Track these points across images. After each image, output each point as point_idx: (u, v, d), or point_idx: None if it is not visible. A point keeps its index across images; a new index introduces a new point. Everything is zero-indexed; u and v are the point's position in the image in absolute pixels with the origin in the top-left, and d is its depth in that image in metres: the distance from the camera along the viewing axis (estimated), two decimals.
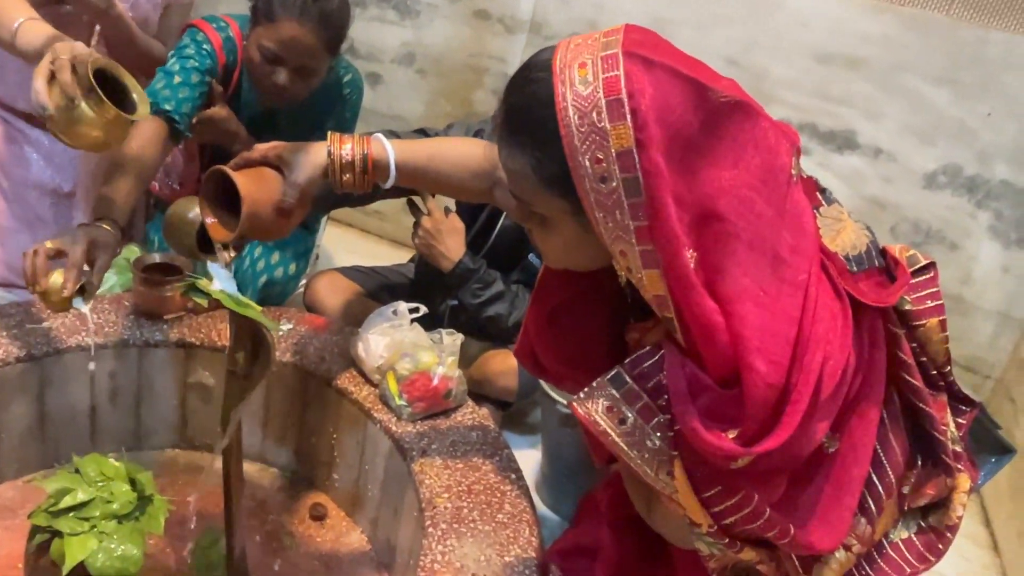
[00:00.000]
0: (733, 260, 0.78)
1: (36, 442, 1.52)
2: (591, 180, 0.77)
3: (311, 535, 1.53)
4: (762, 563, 0.88)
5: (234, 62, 1.75)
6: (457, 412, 1.53)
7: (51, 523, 1.07)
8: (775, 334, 0.78)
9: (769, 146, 0.79)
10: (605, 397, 0.83)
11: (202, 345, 1.58)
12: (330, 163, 1.11)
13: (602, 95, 0.75)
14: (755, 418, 0.78)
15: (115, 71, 1.19)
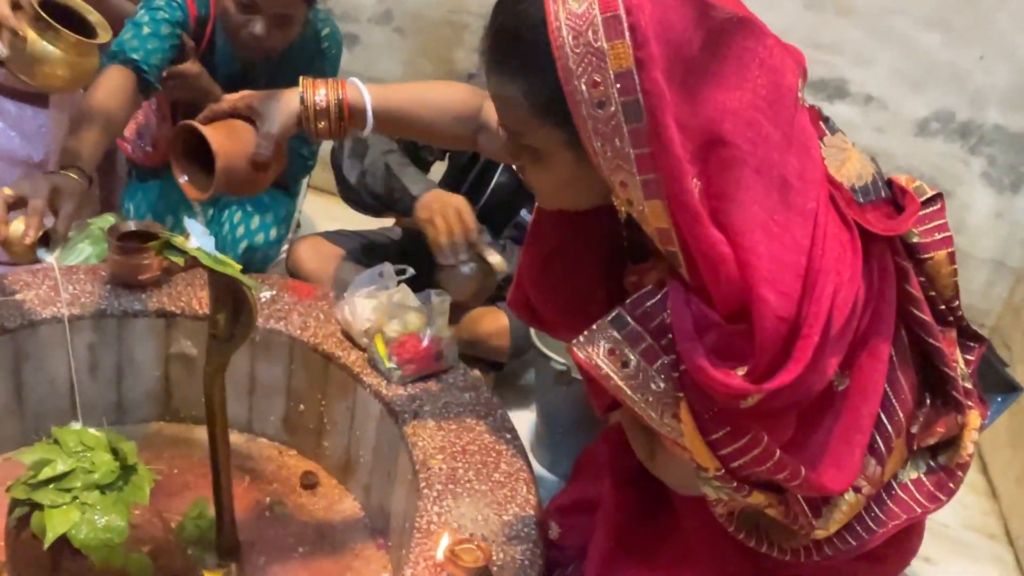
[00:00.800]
0: (740, 187, 0.74)
1: (14, 418, 1.48)
2: (588, 105, 0.73)
3: (303, 504, 1.50)
4: (771, 506, 0.85)
5: (206, 15, 1.69)
6: (448, 374, 1.50)
7: (31, 495, 1.03)
8: (785, 264, 0.75)
9: (775, 65, 0.76)
10: (606, 339, 0.80)
11: (183, 314, 1.54)
12: (303, 110, 1.07)
13: (598, 12, 0.71)
14: (765, 353, 0.75)
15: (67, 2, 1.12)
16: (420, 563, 1.09)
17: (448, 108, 1.14)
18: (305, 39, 1.74)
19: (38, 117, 1.85)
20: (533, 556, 1.13)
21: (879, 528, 0.91)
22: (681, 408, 0.79)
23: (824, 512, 0.87)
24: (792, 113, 0.77)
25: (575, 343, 0.82)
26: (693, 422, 0.79)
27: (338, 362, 1.50)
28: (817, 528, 0.87)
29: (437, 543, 1.11)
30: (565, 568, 1.19)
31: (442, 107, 1.14)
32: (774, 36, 0.78)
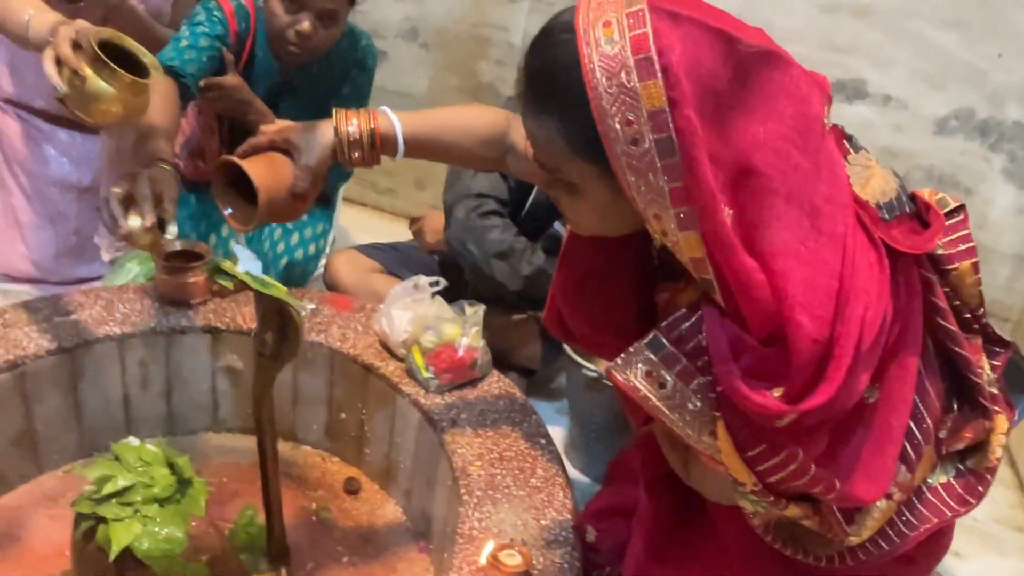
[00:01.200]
0: (772, 215, 0.76)
1: (72, 432, 1.53)
2: (622, 143, 0.74)
3: (347, 509, 1.54)
4: (807, 517, 0.86)
5: (246, 30, 1.73)
6: (483, 381, 1.53)
7: (95, 510, 1.07)
8: (818, 288, 0.76)
9: (802, 95, 0.77)
10: (643, 362, 0.81)
11: (228, 329, 1.58)
12: (337, 141, 1.08)
13: (630, 54, 0.72)
14: (800, 374, 0.76)
15: (120, 40, 1.15)
16: (464, 568, 1.11)
17: (476, 132, 1.15)
18: (342, 51, 1.78)
19: (87, 144, 1.91)
20: (571, 559, 1.15)
21: (911, 532, 0.91)
22: (718, 427, 0.81)
23: (857, 519, 0.88)
24: (820, 141, 0.78)
25: (612, 366, 0.83)
26: (730, 440, 0.81)
27: (377, 372, 1.53)
28: (851, 535, 0.88)
29: (480, 549, 1.13)
30: (602, 570, 1.20)
31: (470, 131, 1.15)
32: (799, 66, 0.79)
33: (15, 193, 1.91)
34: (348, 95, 1.83)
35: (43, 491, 1.48)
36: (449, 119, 1.15)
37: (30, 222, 1.91)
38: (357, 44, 1.82)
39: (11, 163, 1.90)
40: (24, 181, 1.90)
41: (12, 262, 1.95)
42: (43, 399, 1.45)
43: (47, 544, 1.36)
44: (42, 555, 1.34)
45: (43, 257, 1.94)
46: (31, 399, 1.44)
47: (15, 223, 1.93)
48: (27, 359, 1.41)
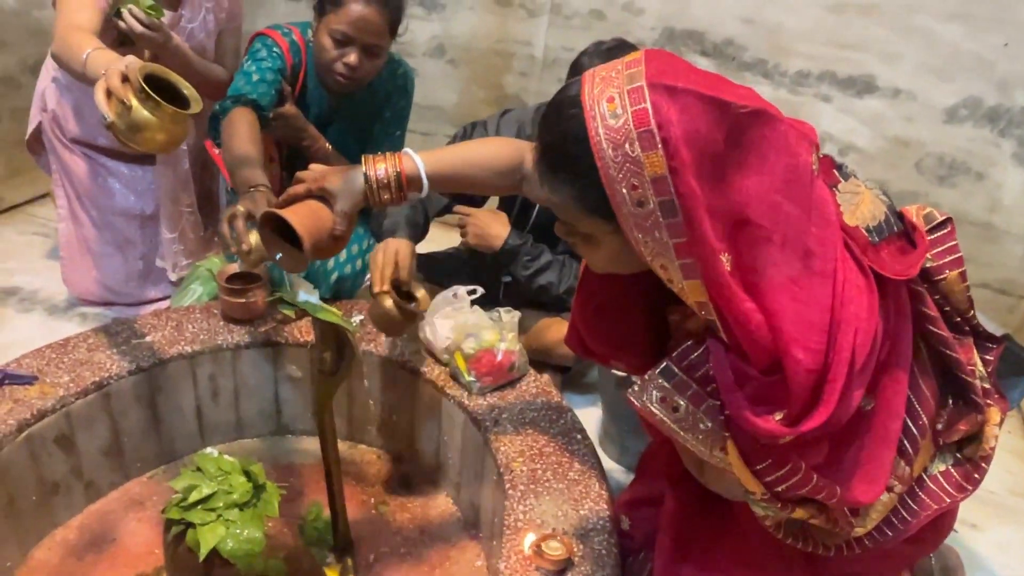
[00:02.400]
0: (766, 259, 0.80)
1: (153, 442, 1.64)
2: (629, 205, 0.79)
3: (402, 503, 1.62)
4: (813, 517, 0.92)
5: (299, 64, 1.82)
6: (521, 382, 1.60)
7: (184, 516, 1.16)
8: (810, 324, 0.81)
9: (789, 148, 0.81)
10: (657, 388, 0.87)
11: (287, 343, 1.67)
12: (367, 186, 1.13)
13: (632, 127, 0.77)
14: (798, 401, 0.81)
15: (165, 75, 1.20)
16: (511, 557, 1.19)
17: (493, 164, 1.19)
18: (383, 79, 1.86)
19: (147, 176, 2.01)
20: (609, 546, 1.23)
21: (913, 519, 0.96)
22: (728, 444, 0.87)
23: (861, 512, 0.93)
24: (809, 188, 0.82)
25: (631, 393, 0.89)
26: (739, 456, 0.87)
27: (424, 377, 1.61)
28: (856, 527, 0.94)
29: (523, 540, 1.21)
30: (636, 555, 1.27)
31: (487, 164, 1.19)
32: (786, 120, 0.84)
33: (86, 225, 2.02)
34: (390, 118, 1.91)
35: (130, 496, 1.59)
36: (468, 155, 1.20)
37: (101, 251, 2.02)
38: (396, 71, 1.90)
39: (81, 198, 2.01)
40: (94, 214, 2.02)
41: (87, 288, 2.08)
42: (127, 414, 1.56)
43: (138, 544, 1.47)
44: (135, 554, 1.45)
45: (114, 282, 2.05)
46: (116, 415, 1.54)
47: (87, 252, 2.05)
48: (111, 380, 1.51)
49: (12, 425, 1.36)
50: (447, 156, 1.19)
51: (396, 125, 1.93)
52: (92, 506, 1.55)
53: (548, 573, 1.16)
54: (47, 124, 1.98)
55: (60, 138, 1.98)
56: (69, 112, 1.97)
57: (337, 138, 1.88)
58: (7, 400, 1.41)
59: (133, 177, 2.00)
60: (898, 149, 2.23)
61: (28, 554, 1.43)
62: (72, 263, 2.07)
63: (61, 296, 2.15)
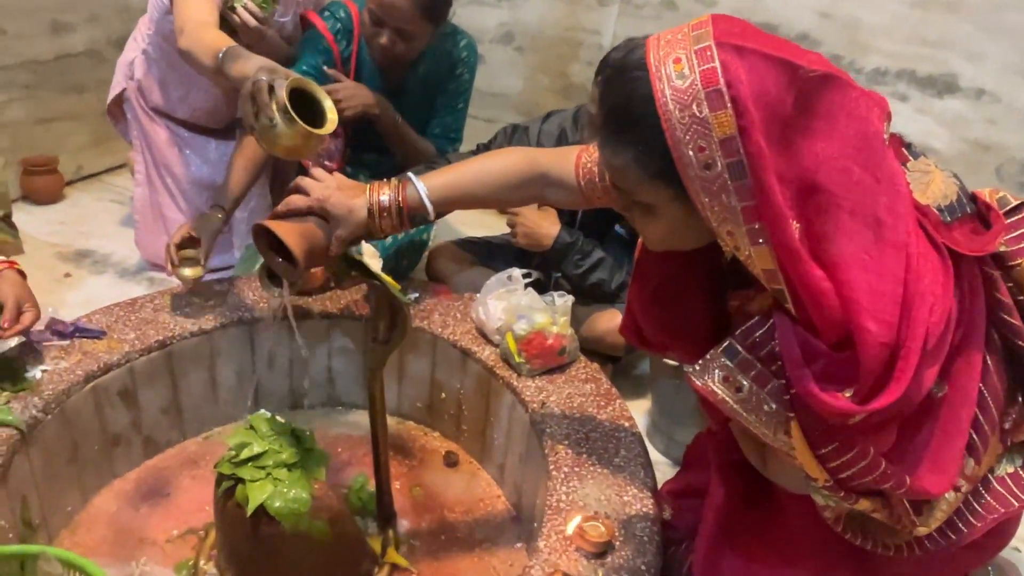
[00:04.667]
0: (836, 228, 0.78)
1: (210, 404, 1.68)
2: (696, 168, 0.78)
3: (446, 479, 1.63)
4: (876, 511, 0.88)
5: (349, 45, 1.84)
6: (571, 367, 1.59)
7: (234, 471, 1.20)
8: (882, 294, 0.78)
9: (861, 114, 0.79)
10: (720, 368, 0.85)
11: (342, 315, 1.70)
12: (369, 213, 1.08)
13: (701, 86, 0.76)
14: (870, 376, 0.78)
15: (309, 87, 1.25)
16: (552, 536, 1.19)
17: (506, 180, 1.14)
18: (441, 52, 1.87)
19: (220, 148, 2.07)
20: (651, 533, 1.21)
21: (978, 522, 0.92)
22: (792, 426, 0.84)
23: (925, 511, 0.89)
24: (880, 156, 0.79)
25: (691, 372, 0.87)
26: (803, 439, 0.83)
27: (474, 356, 1.61)
28: (919, 526, 0.89)
29: (567, 521, 1.20)
30: (679, 545, 1.25)
31: (500, 181, 1.14)
32: (858, 87, 0.81)
33: (161, 192, 2.09)
34: (452, 90, 1.92)
35: (186, 454, 1.64)
36: (477, 174, 1.14)
37: (174, 217, 2.10)
38: (459, 43, 1.91)
39: (158, 165, 2.09)
40: (169, 181, 2.09)
41: (157, 252, 2.15)
42: (186, 374, 1.61)
43: (190, 500, 1.52)
44: (187, 509, 1.50)
45: None
46: (177, 374, 1.59)
47: (160, 217, 2.12)
48: (174, 339, 1.56)
49: (80, 375, 1.42)
50: (455, 178, 1.13)
51: (459, 97, 1.94)
52: (149, 461, 1.60)
53: (588, 555, 1.15)
54: (132, 93, 2.06)
55: (143, 107, 2.06)
56: (154, 84, 2.04)
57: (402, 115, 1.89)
58: (77, 352, 1.47)
59: (207, 149, 2.06)
60: (978, 153, 2.13)
61: (89, 501, 1.49)
62: (145, 227, 2.15)
63: (132, 260, 2.23)
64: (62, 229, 2.38)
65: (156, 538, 1.43)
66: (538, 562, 1.14)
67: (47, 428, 1.36)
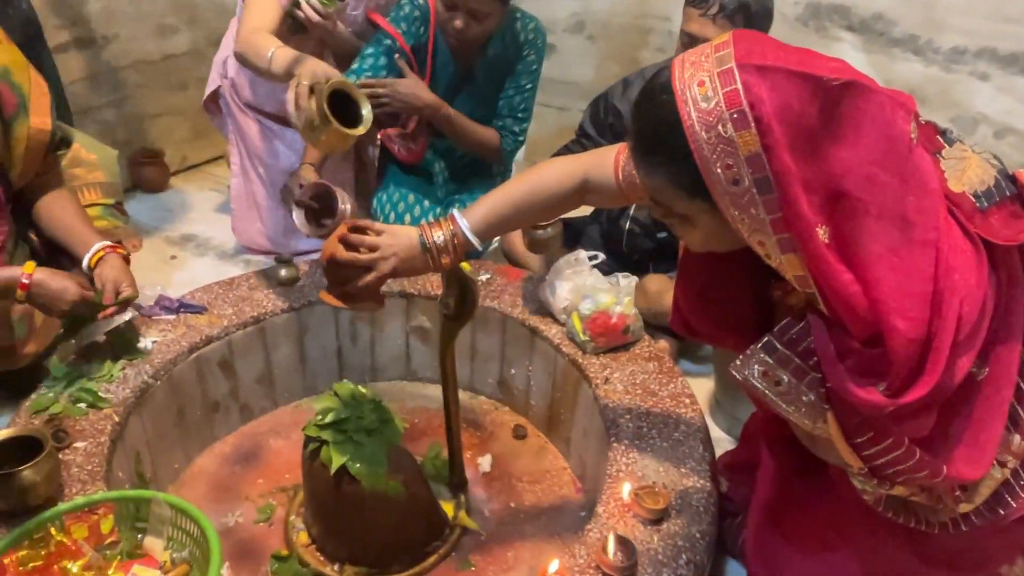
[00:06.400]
0: (863, 231, 0.80)
1: (299, 376, 1.80)
2: (724, 184, 0.80)
3: (515, 451, 1.70)
4: (914, 495, 0.90)
5: (422, 34, 1.90)
6: (635, 346, 1.62)
7: (319, 434, 1.29)
8: (910, 293, 0.79)
9: (885, 118, 0.80)
10: (759, 363, 0.88)
11: (419, 295, 1.78)
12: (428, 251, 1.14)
13: (725, 108, 0.78)
14: (900, 371, 0.80)
15: (349, 89, 1.35)
16: (610, 502, 1.24)
17: (548, 193, 1.16)
18: (515, 34, 1.92)
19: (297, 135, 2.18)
20: (707, 504, 1.24)
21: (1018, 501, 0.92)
22: (828, 417, 0.86)
23: (970, 487, 0.90)
24: (906, 157, 0.80)
25: (733, 367, 0.90)
26: (839, 430, 0.86)
27: (542, 335, 1.67)
28: (963, 502, 0.90)
29: (623, 487, 1.25)
30: (734, 518, 1.28)
31: (543, 196, 1.16)
32: (881, 90, 0.81)
33: (255, 181, 2.23)
34: (520, 71, 1.96)
35: (277, 421, 1.76)
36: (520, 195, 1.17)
37: (266, 205, 2.23)
38: (527, 27, 1.95)
39: (251, 157, 2.22)
40: (262, 171, 2.22)
41: (252, 237, 2.30)
42: (278, 347, 1.73)
43: (280, 463, 1.64)
44: (278, 470, 1.62)
45: (276, 233, 2.26)
46: (269, 347, 1.72)
47: (254, 205, 2.26)
48: (267, 315, 1.68)
49: (185, 346, 1.55)
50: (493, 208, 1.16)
51: (527, 78, 1.98)
52: (245, 427, 1.73)
53: (644, 521, 1.20)
54: (226, 89, 2.20)
55: (236, 102, 2.19)
56: (245, 81, 2.17)
57: (467, 101, 1.95)
58: (182, 325, 1.60)
59: (295, 140, 2.18)
60: None
61: (192, 461, 1.63)
62: (241, 215, 2.29)
63: (230, 244, 2.38)
64: (168, 215, 2.56)
65: (249, 494, 1.56)
66: (596, 525, 1.19)
67: (157, 393, 1.49)
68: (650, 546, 1.16)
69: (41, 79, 1.54)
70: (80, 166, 1.76)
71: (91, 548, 1.09)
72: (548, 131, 2.80)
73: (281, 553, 1.40)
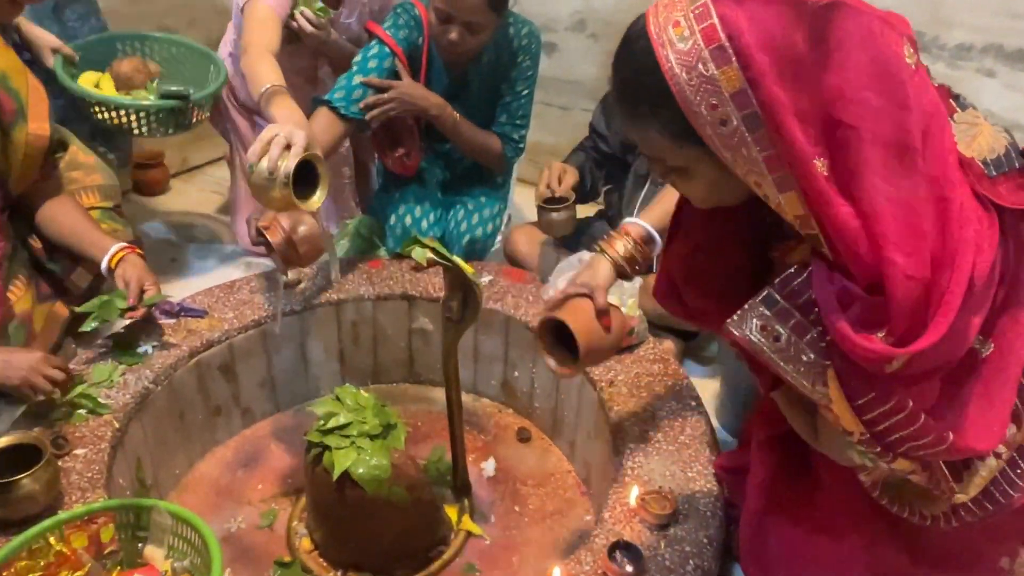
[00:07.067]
0: (860, 160, 0.76)
1: (301, 379, 1.79)
2: (712, 126, 0.77)
3: (519, 454, 1.68)
4: (915, 472, 0.87)
5: (417, 43, 1.87)
6: (640, 348, 1.61)
7: (322, 439, 1.28)
8: (910, 226, 0.76)
9: (874, 40, 0.76)
10: (758, 317, 0.84)
11: (421, 297, 1.77)
12: (617, 266, 1.23)
13: (703, 45, 0.75)
14: (902, 314, 0.76)
15: (318, 165, 1.33)
16: (616, 508, 1.22)
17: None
18: (504, 42, 1.89)
19: None
20: (714, 508, 1.23)
21: (1015, 492, 0.89)
22: (829, 376, 0.82)
23: (965, 477, 0.87)
24: (901, 79, 0.76)
25: (730, 322, 0.86)
26: (840, 388, 0.82)
27: None
28: (958, 492, 0.88)
29: (629, 492, 1.23)
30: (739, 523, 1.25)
31: None
32: (871, 10, 0.78)
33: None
34: (515, 78, 1.93)
35: (280, 425, 1.75)
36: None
37: None
38: (520, 31, 1.92)
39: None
40: None
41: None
42: (280, 351, 1.71)
43: (283, 467, 1.63)
44: (280, 474, 1.60)
45: None
46: (271, 351, 1.70)
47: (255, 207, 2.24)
48: (268, 319, 1.66)
49: (185, 351, 1.53)
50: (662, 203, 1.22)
51: (523, 84, 1.95)
52: (247, 430, 1.72)
53: (651, 526, 1.18)
54: (223, 91, 2.18)
55: (234, 104, 2.18)
56: (241, 82, 2.15)
57: (465, 106, 1.93)
58: (182, 329, 1.59)
59: None
60: None
61: (193, 465, 1.62)
62: (241, 216, 2.27)
63: (231, 246, 2.37)
64: (168, 218, 2.55)
65: (252, 499, 1.54)
66: (602, 531, 1.17)
67: (157, 398, 1.48)
68: (657, 552, 1.14)
69: (39, 84, 1.53)
70: (78, 169, 1.74)
71: (91, 558, 1.07)
72: (551, 131, 2.78)
73: (284, 559, 1.39)
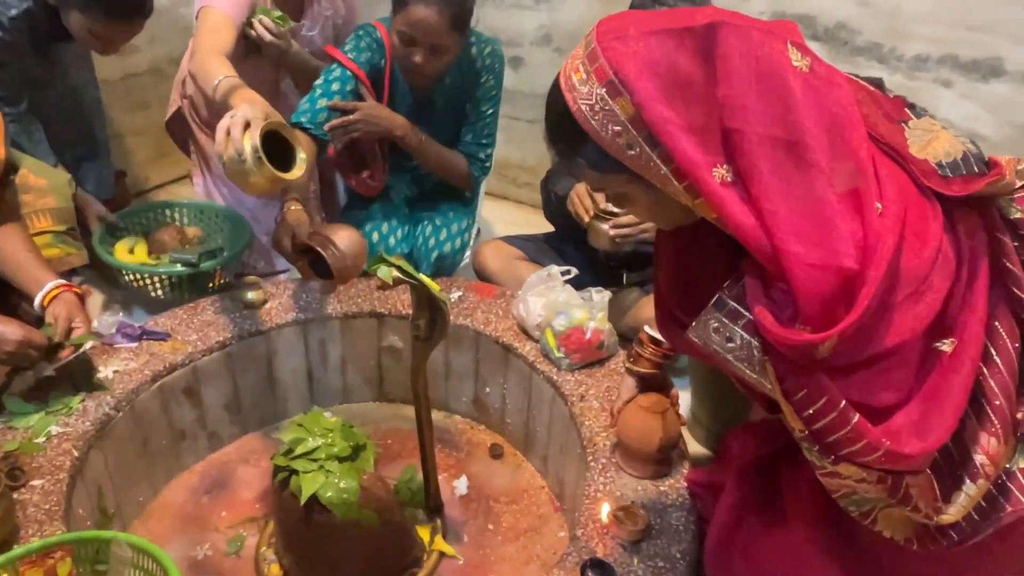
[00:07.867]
0: (751, 160, 0.82)
1: (269, 401, 1.76)
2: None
3: (491, 471, 1.67)
4: (863, 481, 0.87)
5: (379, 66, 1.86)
6: (610, 361, 1.61)
7: (289, 464, 1.26)
8: (806, 216, 0.81)
9: (754, 49, 0.82)
10: (713, 319, 0.88)
11: (390, 314, 1.75)
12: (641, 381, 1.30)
13: (597, 84, 0.82)
14: (811, 302, 0.80)
15: (285, 132, 1.29)
16: (589, 524, 1.21)
17: None
18: (467, 61, 1.89)
19: None
20: (687, 523, 1.22)
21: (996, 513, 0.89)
22: (768, 371, 0.85)
23: (953, 498, 0.87)
24: (784, 81, 0.81)
25: (691, 329, 0.90)
26: (777, 384, 0.85)
27: (516, 352, 1.64)
28: (945, 514, 0.87)
29: (601, 508, 1.22)
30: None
31: None
32: (753, 24, 0.83)
33: (218, 201, 2.18)
34: (480, 97, 1.93)
35: (247, 449, 1.71)
36: None
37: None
38: (483, 52, 1.91)
39: (215, 177, 2.17)
40: (225, 191, 2.17)
41: None
42: (246, 372, 1.68)
43: (251, 491, 1.59)
44: (246, 500, 1.57)
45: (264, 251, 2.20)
46: (236, 372, 1.67)
47: None
48: (232, 340, 1.64)
49: (148, 375, 1.50)
50: None
51: (487, 104, 1.95)
52: (213, 455, 1.68)
53: (624, 542, 1.18)
54: (186, 108, 2.15)
55: (196, 122, 2.15)
56: (203, 99, 2.12)
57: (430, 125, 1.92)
58: (144, 353, 1.55)
59: None
60: None
61: (158, 493, 1.58)
62: None
63: None
64: None
65: (219, 526, 1.51)
66: (575, 549, 1.16)
67: (118, 425, 1.44)
68: (630, 568, 1.14)
69: None
70: (28, 192, 1.69)
71: None
72: (518, 145, 2.79)
73: None
